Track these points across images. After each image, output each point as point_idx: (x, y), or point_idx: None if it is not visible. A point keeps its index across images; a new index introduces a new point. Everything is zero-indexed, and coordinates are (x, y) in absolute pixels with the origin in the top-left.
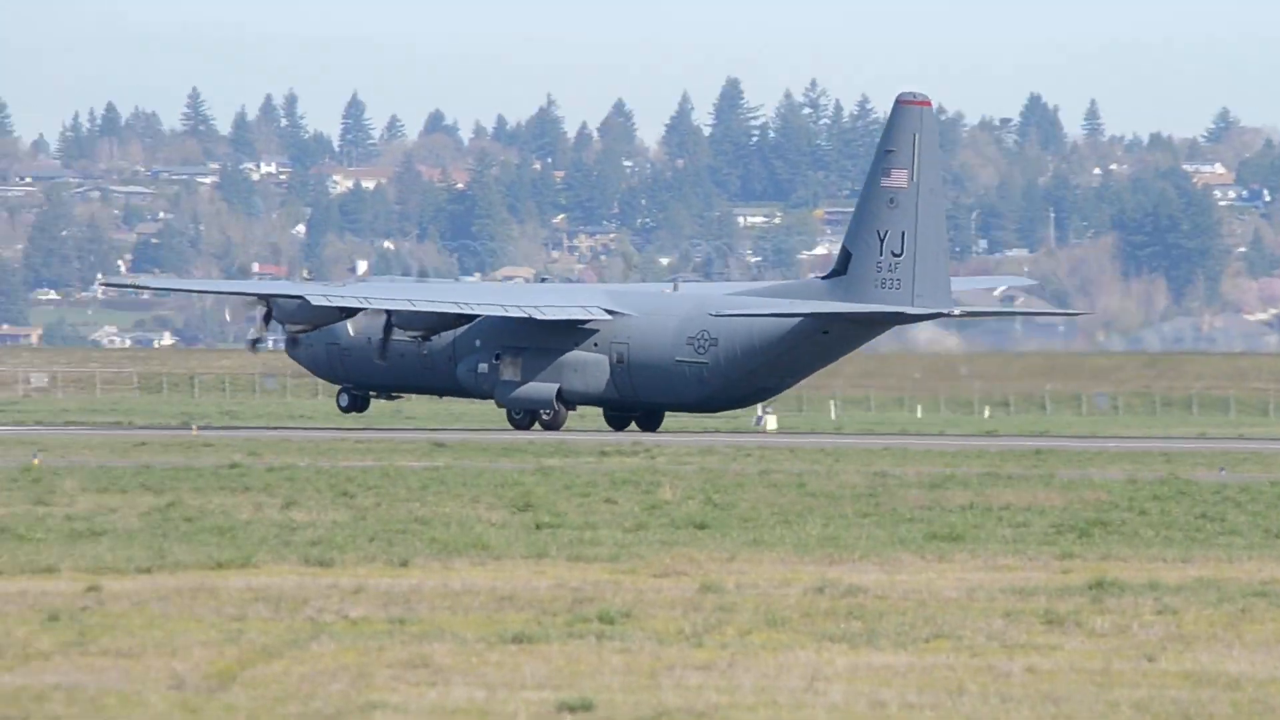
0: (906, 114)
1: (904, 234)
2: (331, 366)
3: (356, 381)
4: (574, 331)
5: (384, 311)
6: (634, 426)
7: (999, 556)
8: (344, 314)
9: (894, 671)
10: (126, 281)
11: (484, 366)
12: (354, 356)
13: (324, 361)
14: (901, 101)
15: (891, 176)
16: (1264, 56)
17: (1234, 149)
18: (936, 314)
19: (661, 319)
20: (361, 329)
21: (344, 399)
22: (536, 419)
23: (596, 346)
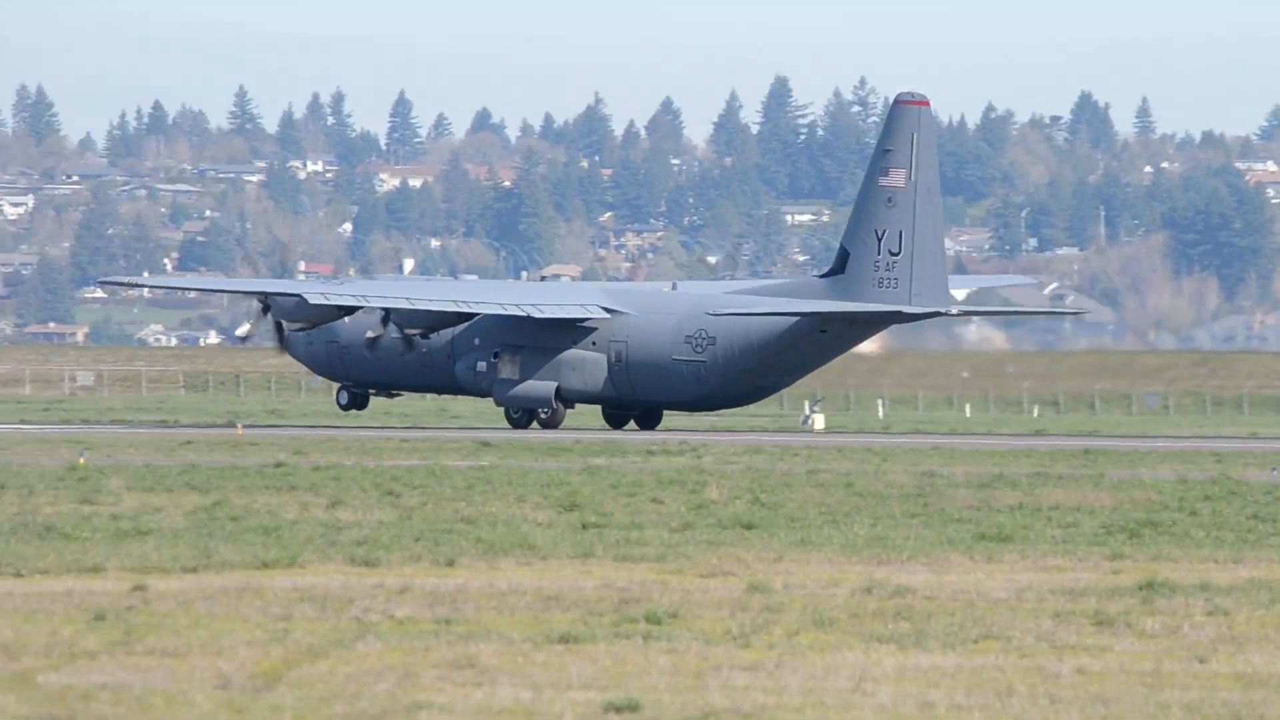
0: (905, 114)
1: (902, 233)
2: (331, 364)
3: (355, 379)
4: (572, 330)
5: (383, 309)
6: (633, 425)
7: (1048, 557)
8: (341, 312)
9: (942, 672)
10: (123, 280)
11: (482, 365)
12: (353, 354)
13: (323, 359)
14: (900, 101)
15: (889, 176)
16: None
17: None
18: (934, 313)
19: (659, 318)
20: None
21: (343, 396)
22: (534, 417)
23: (595, 345)
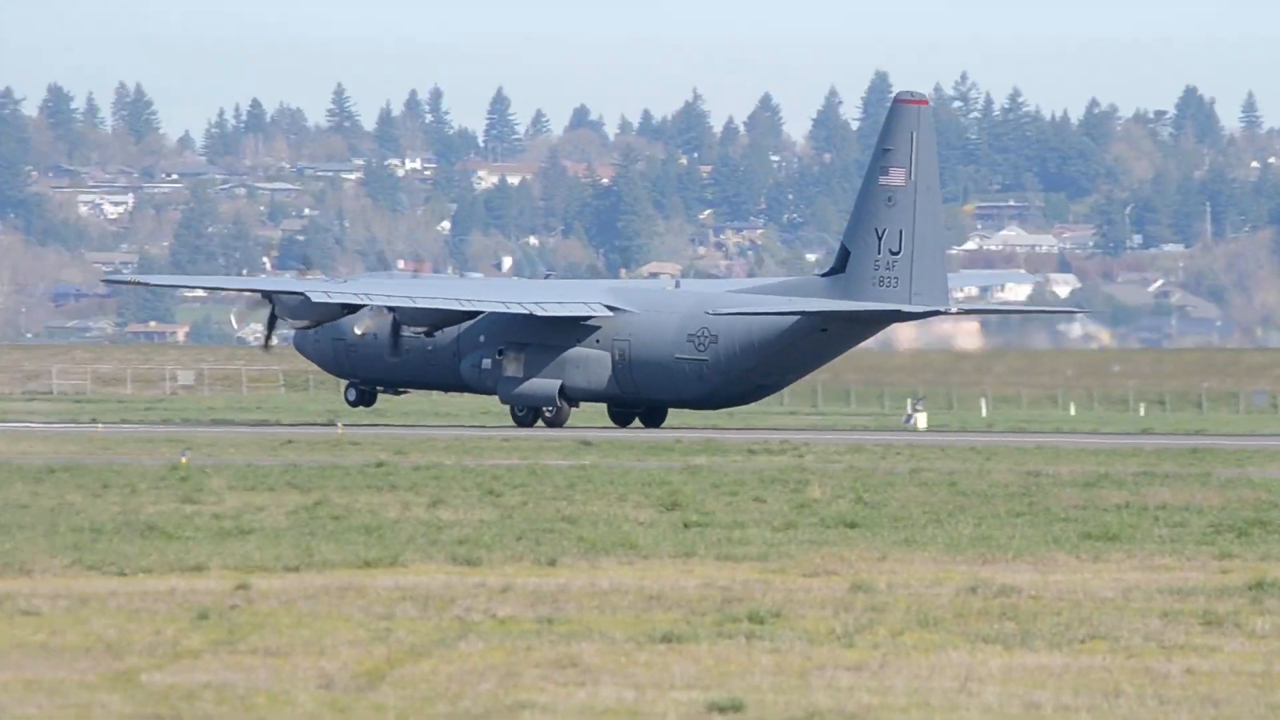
0: (904, 113)
1: (902, 232)
2: (338, 361)
3: (363, 377)
4: (576, 328)
5: (387, 308)
6: (637, 423)
7: (1156, 556)
8: (345, 310)
9: (1049, 673)
10: (128, 278)
11: (487, 362)
12: (360, 352)
13: (330, 356)
14: (899, 100)
15: (890, 175)
16: None
17: None
18: (933, 312)
19: (663, 316)
20: (363, 325)
21: (351, 393)
22: (539, 416)
23: (598, 343)
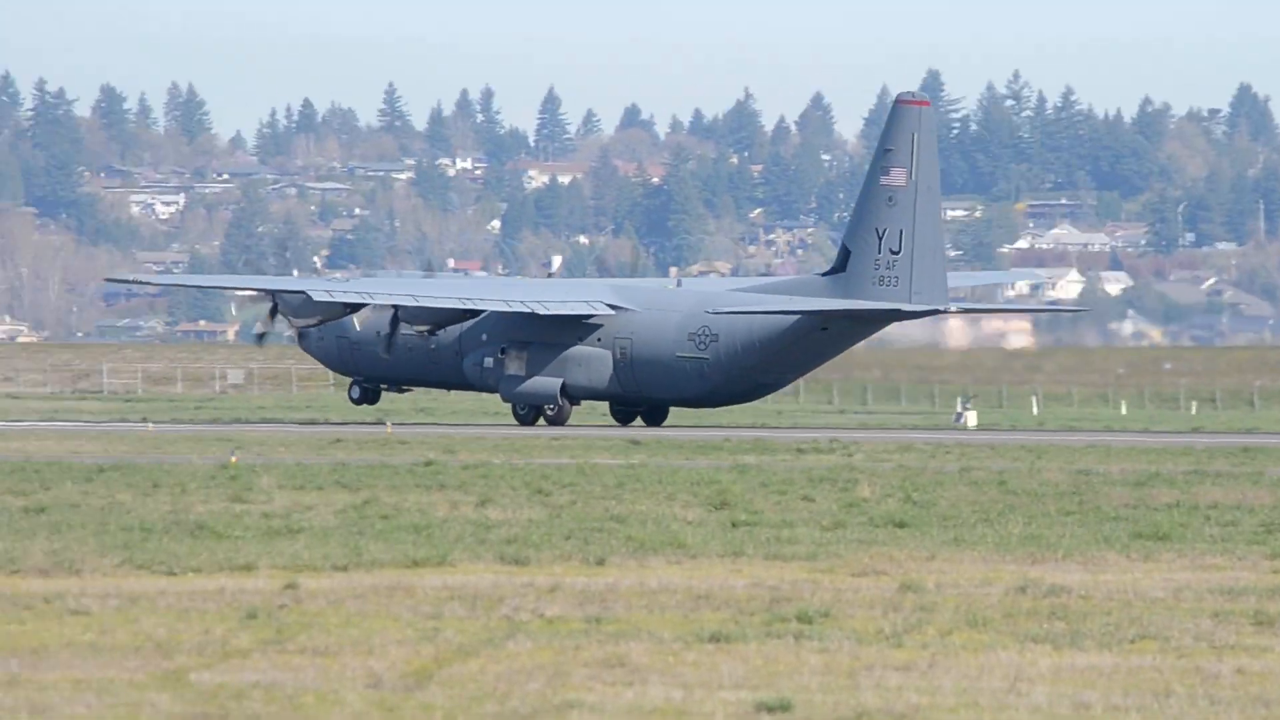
0: (905, 113)
1: (902, 232)
2: (342, 359)
3: (366, 375)
4: (578, 326)
5: (390, 307)
6: (639, 422)
7: (1207, 556)
8: (347, 309)
9: (1099, 673)
10: (130, 278)
11: (489, 361)
12: (363, 350)
13: (334, 354)
14: (900, 101)
15: (890, 175)
16: None
17: None
18: (932, 311)
19: (664, 315)
20: (369, 323)
21: (355, 391)
22: (541, 414)
23: (600, 341)
